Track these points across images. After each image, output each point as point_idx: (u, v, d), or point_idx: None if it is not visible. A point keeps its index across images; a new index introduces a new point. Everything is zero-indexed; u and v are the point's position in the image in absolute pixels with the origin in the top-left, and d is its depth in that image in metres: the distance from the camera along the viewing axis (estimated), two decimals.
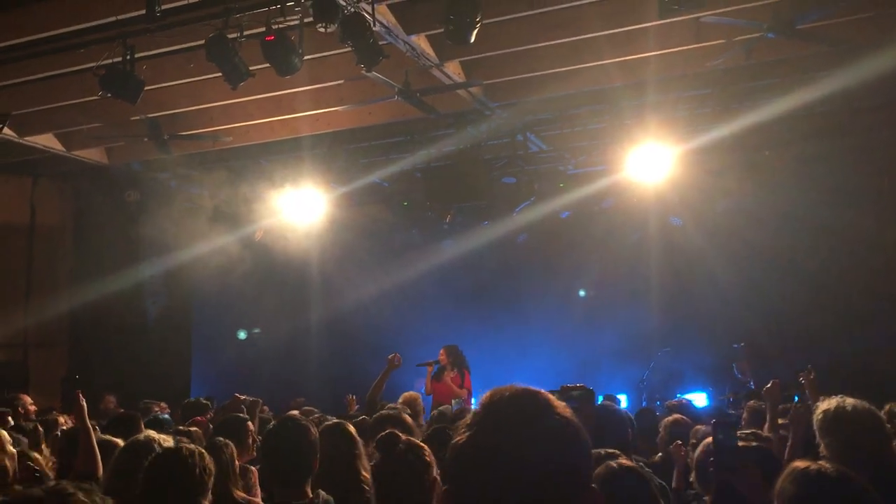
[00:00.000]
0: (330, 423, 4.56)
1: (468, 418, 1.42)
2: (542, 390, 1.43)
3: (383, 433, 3.18)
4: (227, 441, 4.21)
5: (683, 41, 7.87)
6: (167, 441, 3.74)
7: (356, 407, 7.92)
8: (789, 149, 9.93)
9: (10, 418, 6.11)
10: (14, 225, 12.25)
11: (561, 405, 1.39)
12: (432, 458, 3.06)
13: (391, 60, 7.22)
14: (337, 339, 13.35)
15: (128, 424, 5.15)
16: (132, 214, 11.82)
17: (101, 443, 4.46)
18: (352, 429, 4.31)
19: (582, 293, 12.97)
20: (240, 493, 4.01)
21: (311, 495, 3.49)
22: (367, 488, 3.85)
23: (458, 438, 1.39)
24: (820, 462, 2.60)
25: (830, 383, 5.30)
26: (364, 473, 4.05)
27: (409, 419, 5.23)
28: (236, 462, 4.22)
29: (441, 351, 10.38)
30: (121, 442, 4.23)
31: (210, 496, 3.23)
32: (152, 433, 3.91)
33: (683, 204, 11.05)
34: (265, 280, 12.38)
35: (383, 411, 5.48)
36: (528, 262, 13.12)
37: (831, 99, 8.56)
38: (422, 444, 3.21)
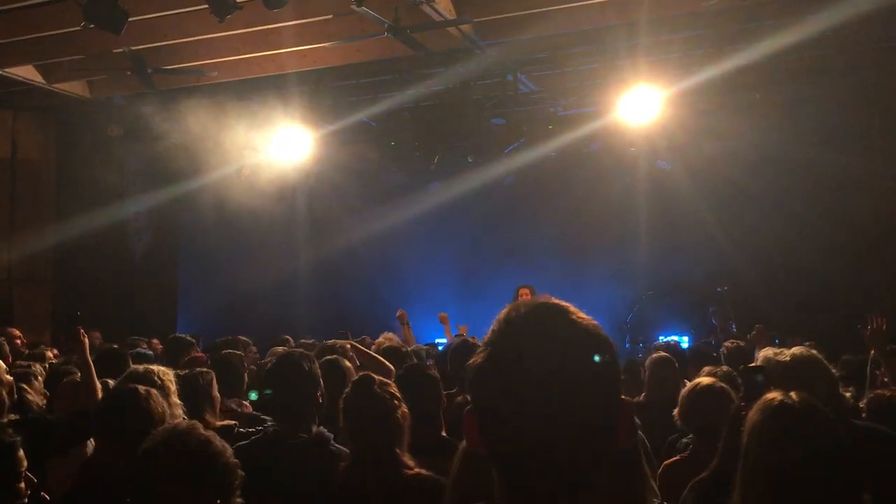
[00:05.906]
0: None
1: (486, 336, 1.32)
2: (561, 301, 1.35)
3: (359, 376, 3.40)
4: (203, 371, 4.30)
5: None
6: (167, 374, 3.74)
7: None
8: (781, 90, 9.84)
9: (5, 343, 6.14)
10: None
11: (581, 313, 1.32)
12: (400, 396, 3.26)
13: None
14: (325, 279, 13.36)
15: (116, 361, 5.12)
16: (115, 149, 11.65)
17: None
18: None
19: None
20: (214, 420, 4.12)
21: (315, 430, 3.55)
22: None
23: (476, 358, 1.31)
24: (790, 393, 2.55)
25: (820, 325, 5.34)
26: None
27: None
28: (215, 392, 4.28)
29: None
30: (110, 381, 4.23)
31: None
32: (151, 366, 3.89)
33: (672, 147, 11.00)
34: (252, 218, 12.31)
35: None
36: (515, 204, 13.10)
37: (823, 39, 8.49)
38: (391, 383, 3.40)
